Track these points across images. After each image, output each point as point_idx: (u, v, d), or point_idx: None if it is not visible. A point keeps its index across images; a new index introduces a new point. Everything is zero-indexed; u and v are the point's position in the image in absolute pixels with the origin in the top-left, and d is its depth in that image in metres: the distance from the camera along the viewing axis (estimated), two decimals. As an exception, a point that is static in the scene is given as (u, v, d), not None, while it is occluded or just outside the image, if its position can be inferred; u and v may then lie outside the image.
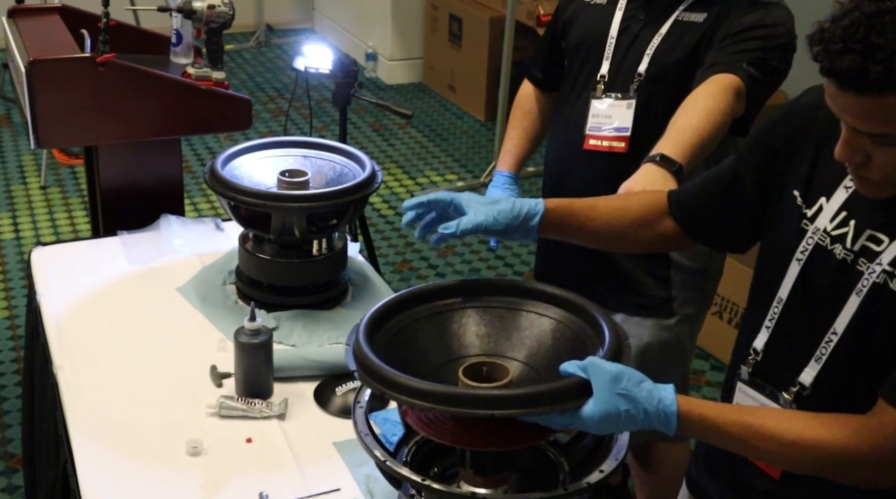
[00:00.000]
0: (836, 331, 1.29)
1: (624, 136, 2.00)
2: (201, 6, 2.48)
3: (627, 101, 2.00)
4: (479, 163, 5.05)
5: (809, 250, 1.34)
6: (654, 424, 1.23)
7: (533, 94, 2.28)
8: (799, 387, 1.35)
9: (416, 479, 1.30)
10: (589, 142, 2.05)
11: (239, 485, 1.63)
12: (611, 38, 2.02)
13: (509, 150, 2.29)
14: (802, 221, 1.35)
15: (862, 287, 1.26)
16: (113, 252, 2.32)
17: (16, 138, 5.06)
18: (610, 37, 2.02)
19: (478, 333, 1.45)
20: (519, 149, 2.28)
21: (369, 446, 1.35)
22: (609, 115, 2.02)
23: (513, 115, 2.31)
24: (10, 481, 2.82)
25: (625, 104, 2.00)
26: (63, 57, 2.35)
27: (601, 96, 2.03)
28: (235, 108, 2.53)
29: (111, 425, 1.76)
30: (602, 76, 2.03)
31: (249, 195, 2.01)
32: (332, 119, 5.30)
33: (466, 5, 5.61)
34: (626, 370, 1.24)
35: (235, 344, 1.82)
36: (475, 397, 1.22)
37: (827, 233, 1.32)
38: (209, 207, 4.44)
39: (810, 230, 1.34)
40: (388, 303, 1.43)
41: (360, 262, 2.34)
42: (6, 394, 3.17)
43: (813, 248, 1.33)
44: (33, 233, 4.18)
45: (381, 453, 1.34)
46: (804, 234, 1.35)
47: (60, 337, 2.00)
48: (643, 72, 1.98)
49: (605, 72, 2.03)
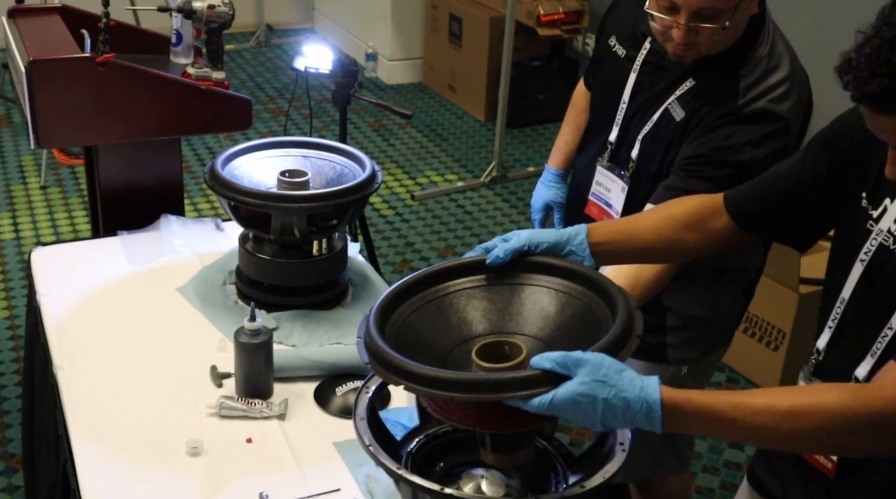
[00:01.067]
0: (893, 326, 1.30)
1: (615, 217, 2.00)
2: (201, 6, 2.48)
3: (622, 185, 1.98)
4: (479, 163, 5.05)
5: (873, 251, 1.35)
6: (637, 416, 1.17)
7: (587, 95, 2.25)
8: (853, 381, 1.35)
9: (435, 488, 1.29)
10: (590, 208, 2.07)
11: (239, 485, 1.63)
12: (622, 104, 1.97)
13: (560, 146, 2.29)
14: (868, 221, 1.36)
15: None
16: (113, 252, 2.32)
17: (16, 138, 5.06)
18: (622, 101, 1.97)
19: (484, 312, 1.42)
20: (570, 146, 2.27)
21: (378, 456, 1.33)
22: (609, 189, 2.02)
23: (568, 113, 2.31)
24: (10, 481, 2.82)
25: (620, 186, 1.99)
26: (63, 57, 2.35)
27: (606, 165, 2.02)
28: (235, 108, 2.52)
29: (111, 425, 1.76)
30: (610, 143, 2.01)
31: (249, 195, 2.01)
32: (332, 119, 5.30)
33: (466, 5, 5.61)
34: (607, 359, 1.19)
35: (235, 344, 1.81)
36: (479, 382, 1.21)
37: (891, 233, 1.33)
38: (209, 207, 4.44)
39: (875, 231, 1.35)
40: (393, 292, 1.41)
41: (360, 262, 2.34)
42: (6, 394, 3.17)
43: (877, 248, 1.34)
44: (33, 233, 4.18)
45: (394, 464, 1.33)
46: (868, 234, 1.36)
47: (60, 337, 2.00)
48: (634, 159, 1.95)
49: (613, 139, 2.00)
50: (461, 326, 1.41)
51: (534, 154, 5.16)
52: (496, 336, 1.38)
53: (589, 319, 1.34)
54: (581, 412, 1.17)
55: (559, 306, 1.39)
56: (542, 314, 1.40)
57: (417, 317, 1.40)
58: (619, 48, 2.00)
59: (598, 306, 1.34)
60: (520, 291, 1.42)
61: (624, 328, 1.26)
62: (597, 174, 2.04)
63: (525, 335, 1.38)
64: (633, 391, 1.17)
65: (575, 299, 1.38)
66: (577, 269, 1.40)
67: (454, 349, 1.38)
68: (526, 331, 1.39)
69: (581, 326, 1.34)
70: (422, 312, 1.41)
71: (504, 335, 1.38)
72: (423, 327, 1.39)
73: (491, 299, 1.43)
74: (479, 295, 1.43)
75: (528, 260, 1.43)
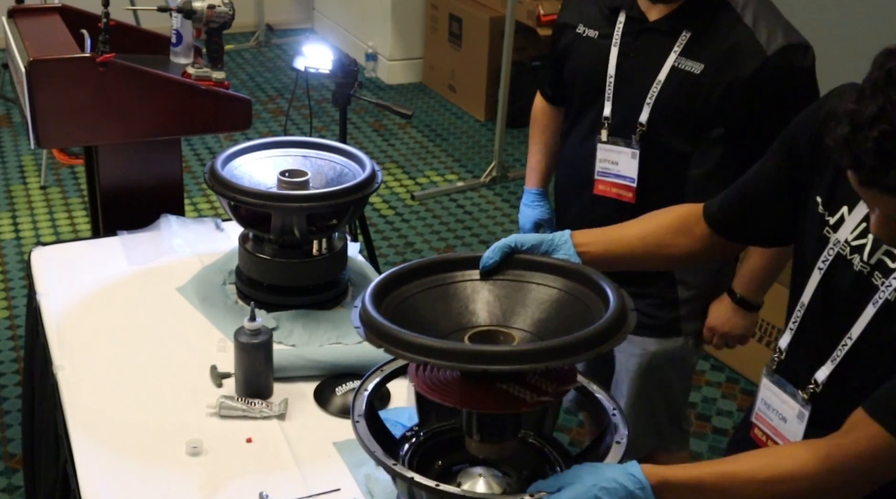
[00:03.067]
0: (852, 336, 1.31)
1: (630, 186, 2.00)
2: (201, 6, 2.48)
3: (632, 151, 1.98)
4: (479, 163, 5.05)
5: (830, 260, 1.34)
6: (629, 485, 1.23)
7: (547, 109, 2.28)
8: (814, 384, 1.37)
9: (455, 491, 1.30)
10: (598, 187, 2.05)
11: (239, 485, 1.63)
12: (609, 78, 1.98)
13: (533, 166, 2.32)
14: (825, 228, 1.36)
15: (878, 299, 1.27)
16: (113, 252, 2.32)
17: (16, 138, 5.06)
18: (609, 75, 1.98)
19: (485, 304, 1.45)
20: (542, 164, 2.31)
21: (380, 457, 1.34)
22: (615, 162, 2.01)
23: (532, 132, 2.33)
24: (10, 481, 2.83)
25: (629, 153, 1.98)
26: (63, 57, 2.35)
27: (606, 140, 2.01)
28: (235, 108, 2.52)
29: (111, 425, 1.76)
30: (606, 118, 2.01)
31: (249, 195, 2.00)
32: (332, 119, 5.30)
33: (466, 5, 5.61)
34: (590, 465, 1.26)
35: (235, 344, 1.82)
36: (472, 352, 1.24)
37: (848, 243, 1.32)
38: (209, 207, 4.44)
39: (832, 240, 1.34)
40: (395, 272, 1.44)
41: (360, 262, 2.34)
42: (6, 394, 3.17)
43: (834, 257, 1.34)
44: (33, 233, 4.18)
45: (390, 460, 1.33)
46: (826, 242, 1.35)
47: (60, 337, 2.00)
48: (644, 122, 1.95)
49: (609, 114, 2.00)
50: (461, 314, 1.44)
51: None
52: (492, 327, 1.41)
53: (583, 317, 1.37)
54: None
55: (556, 304, 1.42)
56: (540, 311, 1.42)
57: (421, 298, 1.43)
58: (589, 32, 2.03)
59: (592, 303, 1.38)
60: (521, 288, 1.45)
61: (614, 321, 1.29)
62: (598, 152, 2.02)
63: (521, 329, 1.41)
64: (615, 470, 1.24)
65: (572, 297, 1.41)
66: (572, 267, 1.45)
67: (450, 335, 1.40)
68: (523, 326, 1.42)
69: (576, 324, 1.36)
70: (426, 294, 1.44)
71: (499, 327, 1.41)
72: (424, 308, 1.42)
73: (495, 293, 1.46)
74: (485, 288, 1.46)
75: (528, 259, 1.47)
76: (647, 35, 1.95)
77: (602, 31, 2.01)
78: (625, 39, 1.97)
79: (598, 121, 2.03)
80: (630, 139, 1.97)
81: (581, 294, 1.41)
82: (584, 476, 1.24)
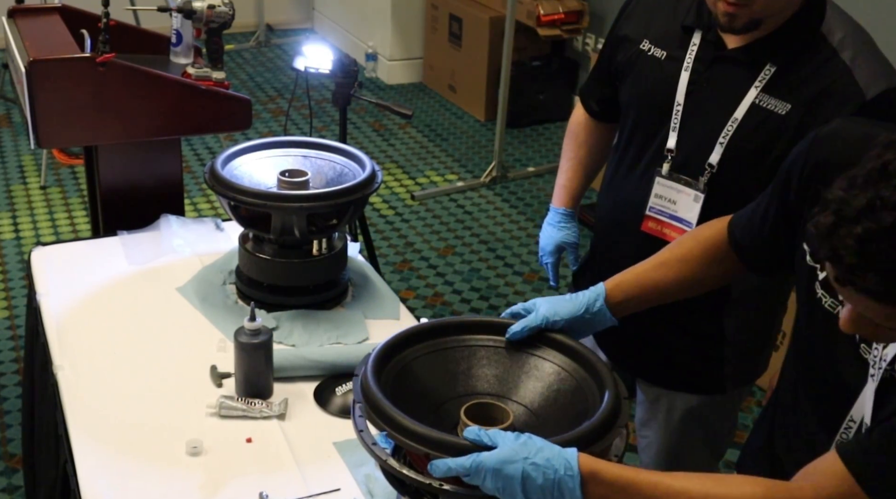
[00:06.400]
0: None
1: (685, 230, 1.78)
2: (201, 6, 2.48)
3: (696, 193, 1.76)
4: (479, 163, 5.05)
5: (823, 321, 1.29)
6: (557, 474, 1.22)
7: (588, 124, 2.08)
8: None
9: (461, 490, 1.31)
10: (647, 224, 1.84)
11: (239, 485, 1.63)
12: (677, 106, 1.76)
13: (563, 184, 2.10)
14: (815, 283, 1.30)
15: None
16: (113, 252, 2.32)
17: (16, 138, 5.06)
18: (677, 103, 1.76)
19: (487, 373, 1.48)
20: (573, 183, 2.09)
21: (367, 442, 1.35)
22: (674, 201, 1.80)
23: (566, 145, 2.11)
24: (10, 481, 2.82)
25: (692, 196, 1.77)
26: (63, 57, 2.35)
27: (667, 175, 1.79)
28: (235, 108, 2.53)
29: (111, 425, 1.76)
30: (669, 150, 1.78)
31: (249, 195, 2.01)
32: (332, 119, 5.30)
33: (466, 5, 5.61)
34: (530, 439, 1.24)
35: (235, 344, 1.82)
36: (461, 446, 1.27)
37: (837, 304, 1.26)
38: (209, 207, 4.44)
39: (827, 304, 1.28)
40: (402, 334, 1.48)
41: (360, 262, 2.34)
42: (6, 394, 3.17)
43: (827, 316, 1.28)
44: (33, 233, 4.18)
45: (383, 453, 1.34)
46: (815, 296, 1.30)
47: (60, 337, 2.00)
48: (715, 164, 1.73)
49: (673, 146, 1.78)
50: (465, 381, 1.47)
51: (534, 154, 5.16)
52: (493, 398, 1.44)
53: (578, 402, 1.41)
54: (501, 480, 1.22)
55: (555, 382, 1.46)
56: (539, 386, 1.46)
57: (426, 361, 1.47)
58: (655, 51, 1.81)
59: (588, 387, 1.41)
60: (527, 361, 1.49)
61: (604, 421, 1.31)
62: (655, 187, 1.81)
63: (519, 403, 1.45)
64: (552, 450, 1.23)
65: (570, 377, 1.45)
66: (578, 349, 1.47)
67: (450, 401, 1.43)
68: (521, 399, 1.46)
69: (570, 405, 1.41)
70: (433, 357, 1.48)
71: (500, 399, 1.44)
72: (428, 372, 1.46)
73: (500, 363, 1.49)
74: (491, 356, 1.50)
75: (540, 334, 1.50)
76: (723, 64, 1.72)
77: (671, 52, 1.78)
78: (696, 66, 1.74)
79: (658, 152, 1.81)
80: (696, 180, 1.76)
81: (581, 379, 1.44)
82: (519, 448, 1.23)
